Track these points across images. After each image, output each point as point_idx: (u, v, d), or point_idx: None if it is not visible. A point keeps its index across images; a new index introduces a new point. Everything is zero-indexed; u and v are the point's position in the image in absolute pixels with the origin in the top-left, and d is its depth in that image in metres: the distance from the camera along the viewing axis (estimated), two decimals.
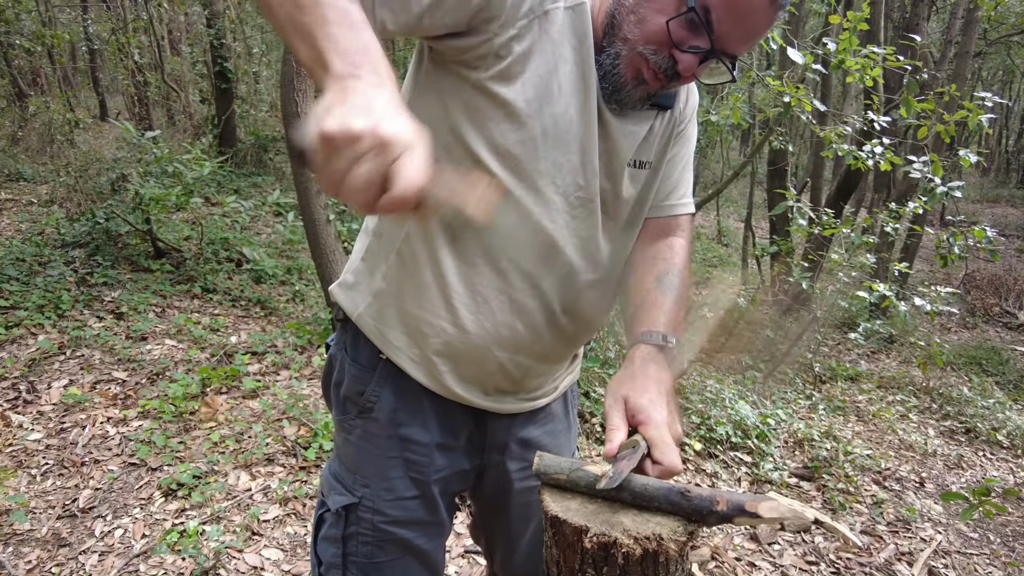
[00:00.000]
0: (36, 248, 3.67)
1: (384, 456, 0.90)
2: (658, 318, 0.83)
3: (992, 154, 17.49)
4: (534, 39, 0.73)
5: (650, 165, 0.87)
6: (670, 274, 0.88)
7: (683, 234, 0.94)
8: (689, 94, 0.92)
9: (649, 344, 0.81)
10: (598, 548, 0.57)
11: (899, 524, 2.44)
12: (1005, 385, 4.50)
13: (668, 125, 0.88)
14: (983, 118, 2.44)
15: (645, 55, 0.73)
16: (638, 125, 0.83)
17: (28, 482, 2.07)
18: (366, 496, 0.90)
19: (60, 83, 8.29)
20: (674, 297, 0.86)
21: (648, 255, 0.91)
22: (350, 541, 0.91)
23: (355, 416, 0.92)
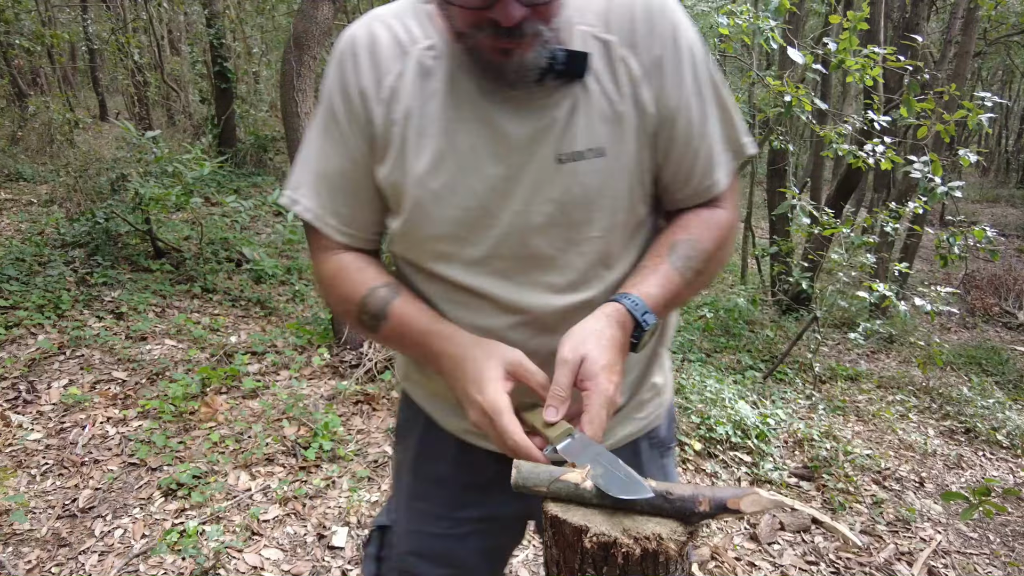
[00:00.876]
0: (36, 248, 3.67)
1: (412, 485, 0.91)
2: (648, 287, 0.72)
3: (992, 154, 17.50)
4: (384, 130, 0.73)
5: (597, 152, 0.72)
6: (686, 244, 0.76)
7: (718, 203, 0.80)
8: (646, 45, 0.72)
9: (622, 306, 0.70)
10: (598, 548, 0.57)
11: (899, 524, 2.44)
12: (1005, 385, 4.50)
13: (606, 98, 0.72)
14: (983, 118, 2.44)
15: (476, 40, 0.66)
16: (548, 116, 0.71)
17: (28, 482, 2.07)
18: (395, 522, 0.92)
19: (60, 83, 8.29)
20: (679, 268, 0.74)
21: (673, 223, 0.80)
22: (382, 564, 0.94)
23: (397, 441, 0.95)
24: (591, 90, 0.71)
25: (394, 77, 0.73)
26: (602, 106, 0.72)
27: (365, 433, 2.58)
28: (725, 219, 0.80)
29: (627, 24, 0.72)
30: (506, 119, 0.71)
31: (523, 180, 0.72)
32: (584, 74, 0.70)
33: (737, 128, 0.80)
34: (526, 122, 0.71)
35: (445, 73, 0.72)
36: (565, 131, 0.71)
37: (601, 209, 0.74)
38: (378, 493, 2.20)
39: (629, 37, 0.72)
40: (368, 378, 2.96)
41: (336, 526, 2.02)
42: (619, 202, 0.75)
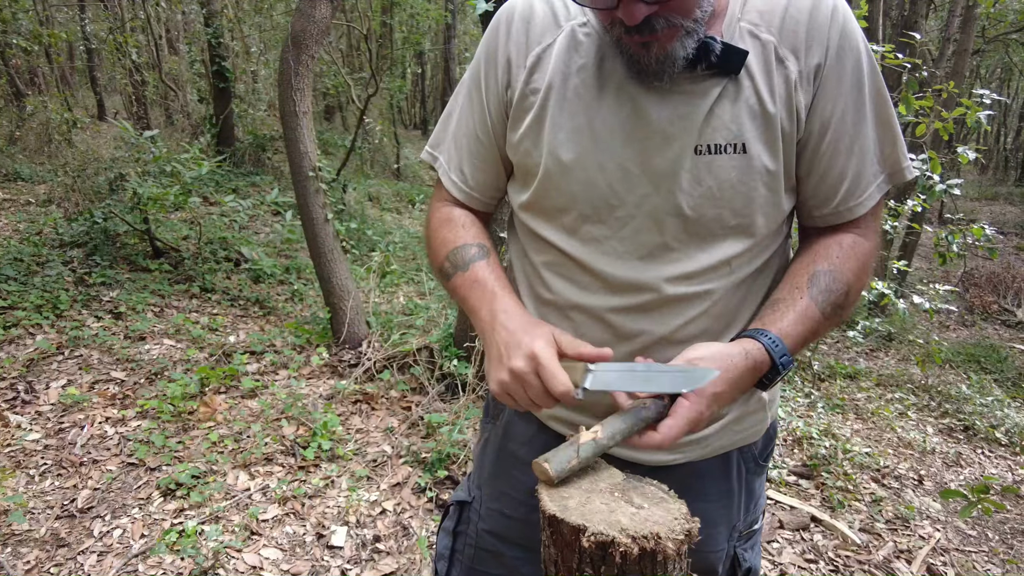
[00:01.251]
0: (34, 248, 3.66)
1: (495, 464, 0.93)
2: (787, 324, 0.70)
3: (990, 152, 17.50)
4: (521, 99, 0.76)
5: (737, 148, 0.70)
6: (827, 275, 0.72)
7: (860, 231, 0.76)
8: (806, 51, 0.69)
9: (762, 346, 0.68)
10: (596, 547, 0.57)
11: (898, 522, 2.44)
12: (1003, 383, 4.50)
13: (757, 96, 0.69)
14: (981, 115, 2.44)
15: (617, 36, 0.68)
16: (692, 104, 0.70)
17: (26, 482, 2.07)
18: (477, 499, 0.94)
19: (58, 82, 8.27)
20: (819, 304, 0.71)
21: (810, 249, 0.76)
22: (459, 538, 0.95)
23: (488, 420, 0.97)
24: (742, 85, 0.70)
25: (543, 47, 0.75)
26: (751, 103, 0.70)
27: (364, 432, 2.58)
28: (867, 248, 0.76)
29: (791, 26, 0.70)
30: (650, 102, 0.71)
31: (656, 166, 0.71)
32: (739, 71, 0.69)
33: (898, 150, 0.75)
34: (668, 107, 0.70)
35: (595, 50, 0.73)
36: (707, 122, 0.70)
37: (732, 206, 0.72)
38: (377, 492, 2.20)
39: (791, 40, 0.70)
40: (367, 377, 2.96)
41: (335, 525, 2.02)
42: (753, 203, 0.72)
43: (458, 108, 0.85)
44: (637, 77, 0.70)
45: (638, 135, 0.71)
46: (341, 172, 5.66)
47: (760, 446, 0.89)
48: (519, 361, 0.69)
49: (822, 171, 0.74)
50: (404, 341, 3.18)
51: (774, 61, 0.70)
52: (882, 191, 0.76)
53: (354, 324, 3.21)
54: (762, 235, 0.76)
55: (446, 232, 0.85)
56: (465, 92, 0.84)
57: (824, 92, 0.71)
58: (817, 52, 0.70)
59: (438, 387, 2.83)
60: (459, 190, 0.86)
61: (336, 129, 10.44)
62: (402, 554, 1.95)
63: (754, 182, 0.72)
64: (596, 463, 0.69)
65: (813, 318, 0.71)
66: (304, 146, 3.05)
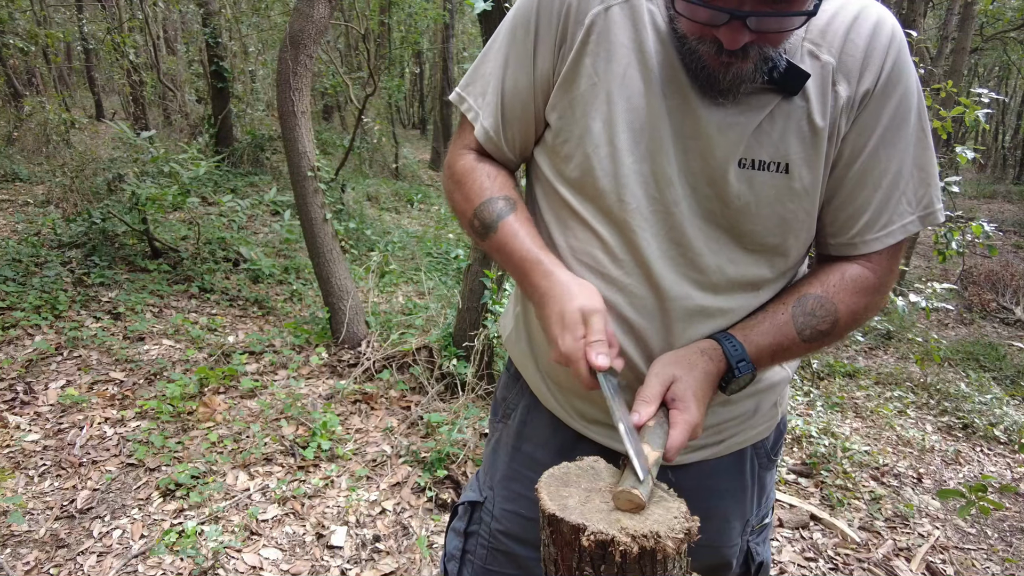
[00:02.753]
0: (32, 249, 3.66)
1: (509, 466, 0.91)
2: (757, 334, 0.70)
3: (989, 150, 17.51)
4: (576, 59, 0.72)
5: (780, 167, 0.69)
6: (815, 300, 0.71)
7: (870, 265, 0.73)
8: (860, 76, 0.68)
9: (719, 348, 0.70)
10: (596, 546, 0.57)
11: (897, 520, 2.44)
12: (1002, 381, 4.51)
13: (808, 117, 0.68)
14: (980, 114, 2.44)
15: (696, 47, 0.65)
16: (744, 115, 0.68)
17: (26, 483, 2.07)
18: (489, 499, 0.92)
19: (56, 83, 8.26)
20: (798, 325, 0.70)
21: (813, 272, 0.76)
22: (470, 539, 0.93)
23: (498, 420, 0.95)
24: (796, 105, 0.68)
25: (604, 6, 0.71)
26: (802, 125, 0.68)
27: (363, 432, 2.58)
28: (871, 283, 0.73)
29: (851, 50, 0.68)
30: (702, 105, 0.68)
31: (697, 169, 0.70)
32: (797, 92, 0.68)
33: (931, 192, 0.73)
34: (720, 113, 0.68)
35: (656, 34, 0.70)
36: (755, 136, 0.69)
37: (767, 225, 0.71)
38: (376, 492, 2.20)
39: (848, 64, 0.68)
40: (366, 377, 2.95)
41: (335, 525, 2.02)
42: (787, 224, 0.71)
43: (498, 58, 0.78)
44: (700, 89, 0.68)
45: (686, 133, 0.69)
46: (340, 172, 5.65)
47: (772, 440, 0.89)
48: (571, 315, 0.68)
49: (843, 198, 0.72)
50: (403, 341, 3.18)
51: (830, 85, 0.68)
52: (907, 232, 0.73)
53: (353, 324, 3.21)
54: (794, 259, 0.75)
55: (471, 186, 0.80)
56: (508, 42, 0.77)
57: (863, 120, 0.69)
58: (868, 79, 0.69)
59: (437, 387, 2.83)
60: (488, 140, 0.81)
61: (334, 129, 10.43)
62: (402, 554, 1.95)
63: (793, 204, 0.70)
64: (596, 462, 0.69)
65: (787, 336, 0.71)
66: (302, 146, 3.05)
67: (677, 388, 0.67)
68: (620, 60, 0.70)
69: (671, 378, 0.68)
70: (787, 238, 0.73)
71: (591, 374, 0.67)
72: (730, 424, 0.82)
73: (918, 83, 0.72)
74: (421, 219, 7.10)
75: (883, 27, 0.70)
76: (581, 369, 0.67)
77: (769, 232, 0.72)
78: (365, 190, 7.31)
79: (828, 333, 0.72)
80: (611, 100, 0.70)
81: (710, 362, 0.69)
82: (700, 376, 0.68)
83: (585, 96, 0.72)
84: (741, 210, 0.71)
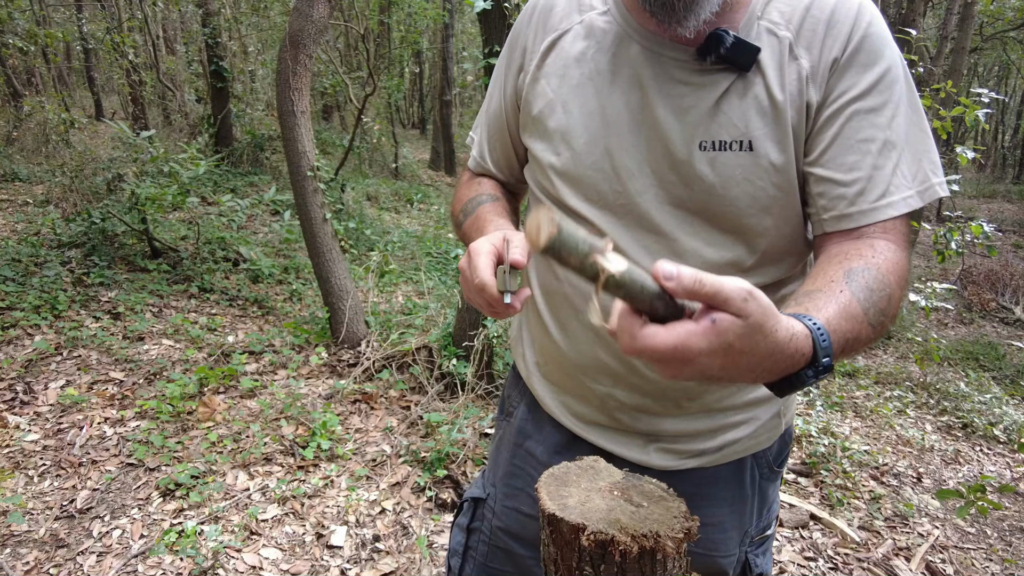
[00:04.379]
0: (32, 248, 3.66)
1: (511, 463, 0.92)
2: (829, 313, 0.55)
3: (988, 150, 17.52)
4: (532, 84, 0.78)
5: (744, 145, 0.68)
6: (866, 272, 0.61)
7: (890, 236, 0.66)
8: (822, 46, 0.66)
9: (805, 327, 0.50)
10: (595, 546, 0.57)
11: (897, 519, 2.45)
12: (1002, 380, 4.51)
13: (767, 92, 0.67)
14: (979, 114, 2.44)
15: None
16: (699, 96, 0.68)
17: (25, 483, 2.07)
18: (491, 496, 0.93)
19: (55, 83, 8.26)
20: (862, 303, 0.57)
21: (839, 251, 0.66)
22: (473, 535, 0.94)
23: (503, 417, 0.97)
24: (752, 81, 0.67)
25: (558, 34, 0.77)
26: (761, 100, 0.67)
27: (363, 432, 2.58)
28: (903, 260, 0.65)
29: (811, 24, 0.67)
30: (658, 92, 0.70)
31: (659, 156, 0.70)
32: (749, 68, 0.67)
33: (926, 166, 0.68)
34: (675, 98, 0.69)
35: (613, 36, 0.74)
36: (713, 117, 0.68)
37: (738, 205, 0.69)
38: (376, 492, 2.20)
39: (808, 37, 0.67)
40: (366, 377, 2.95)
41: (335, 525, 2.02)
42: (759, 203, 0.69)
43: (491, 87, 0.89)
44: (660, 26, 0.67)
45: (644, 124, 0.71)
46: (339, 171, 5.65)
47: (775, 451, 0.86)
48: (462, 260, 0.69)
49: (832, 167, 0.67)
50: (403, 340, 3.18)
51: (787, 57, 0.67)
52: (909, 207, 0.67)
53: (353, 324, 3.21)
54: (778, 240, 0.72)
55: (464, 190, 0.91)
56: (495, 74, 0.87)
57: (837, 87, 0.67)
58: (834, 47, 0.67)
59: (437, 386, 2.83)
60: (478, 166, 0.92)
61: (334, 128, 10.42)
62: (402, 553, 1.95)
63: (762, 181, 0.69)
64: (595, 462, 0.69)
65: (857, 318, 0.56)
66: (302, 145, 3.05)
67: (730, 299, 0.44)
68: (573, 73, 0.75)
69: (744, 291, 0.44)
70: (763, 218, 0.70)
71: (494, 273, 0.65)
72: (726, 431, 0.80)
73: (902, 60, 0.69)
74: (421, 219, 7.09)
75: (848, 2, 0.68)
76: (479, 262, 0.64)
77: (742, 213, 0.70)
78: (365, 190, 7.31)
79: (887, 313, 0.60)
80: (568, 110, 0.75)
81: (788, 344, 0.48)
82: (762, 347, 0.46)
83: (543, 113, 0.77)
84: (709, 192, 0.69)
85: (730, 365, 0.47)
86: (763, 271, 0.74)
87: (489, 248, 0.66)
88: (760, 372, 0.49)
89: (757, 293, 0.45)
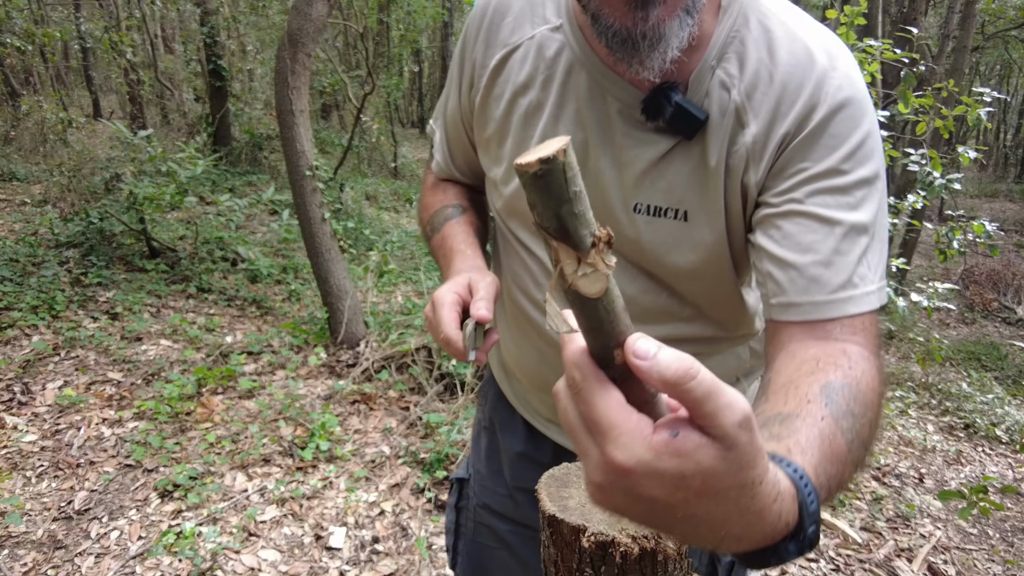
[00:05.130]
0: (30, 248, 3.64)
1: (488, 447, 0.98)
2: (813, 455, 0.42)
3: (990, 149, 17.52)
4: (482, 104, 0.74)
5: (679, 215, 0.64)
6: (846, 390, 0.49)
7: (860, 340, 0.55)
8: (775, 117, 0.59)
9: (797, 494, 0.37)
10: (596, 547, 0.56)
11: (898, 520, 2.44)
12: (1004, 380, 4.50)
13: (706, 163, 0.61)
14: (981, 112, 2.43)
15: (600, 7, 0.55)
16: (638, 152, 0.63)
17: (23, 484, 2.06)
18: (473, 476, 0.99)
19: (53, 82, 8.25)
20: (844, 431, 0.46)
21: (806, 356, 0.54)
22: (461, 513, 1.00)
23: (479, 401, 1.02)
24: (693, 149, 0.62)
25: (508, 50, 0.71)
26: (700, 170, 0.62)
27: (362, 433, 2.57)
28: (877, 371, 0.53)
29: (764, 87, 0.59)
30: (600, 139, 0.65)
31: (597, 205, 0.66)
32: (692, 137, 0.61)
33: (870, 271, 0.58)
34: (613, 150, 0.65)
35: (564, 63, 0.67)
36: (651, 179, 0.63)
37: (671, 269, 0.66)
38: (375, 493, 2.19)
39: (760, 101, 0.59)
40: (365, 378, 2.94)
41: (333, 527, 2.01)
42: (697, 274, 0.66)
43: (448, 87, 0.82)
44: (618, 62, 0.58)
45: (585, 169, 0.66)
46: (338, 171, 5.65)
47: None
48: (427, 308, 0.68)
49: (785, 235, 0.58)
50: (402, 341, 3.16)
51: (735, 122, 0.60)
52: (878, 302, 0.58)
53: (352, 324, 3.20)
54: (710, 304, 0.69)
55: (430, 198, 0.89)
56: (451, 73, 0.81)
57: (794, 161, 0.58)
58: (786, 121, 0.58)
59: (436, 387, 2.82)
60: (441, 171, 0.89)
61: (333, 128, 10.42)
62: (401, 555, 1.94)
63: (694, 253, 0.64)
64: None
65: (841, 457, 0.44)
66: (301, 145, 3.04)
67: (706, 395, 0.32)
68: (520, 101, 0.70)
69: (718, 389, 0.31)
70: (695, 283, 0.66)
71: (459, 327, 0.65)
72: None
73: (875, 131, 0.59)
74: None
75: (814, 66, 0.58)
76: (443, 314, 0.64)
77: (675, 276, 0.66)
78: (364, 189, 7.30)
79: (867, 446, 0.48)
80: (514, 143, 0.72)
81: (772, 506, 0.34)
82: (745, 493, 0.32)
83: (492, 140, 0.75)
84: (641, 251, 0.67)
85: (679, 506, 0.31)
86: (701, 324, 0.71)
87: (452, 299, 0.65)
88: (719, 534, 0.33)
89: (755, 424, 0.31)
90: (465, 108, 0.78)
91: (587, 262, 0.31)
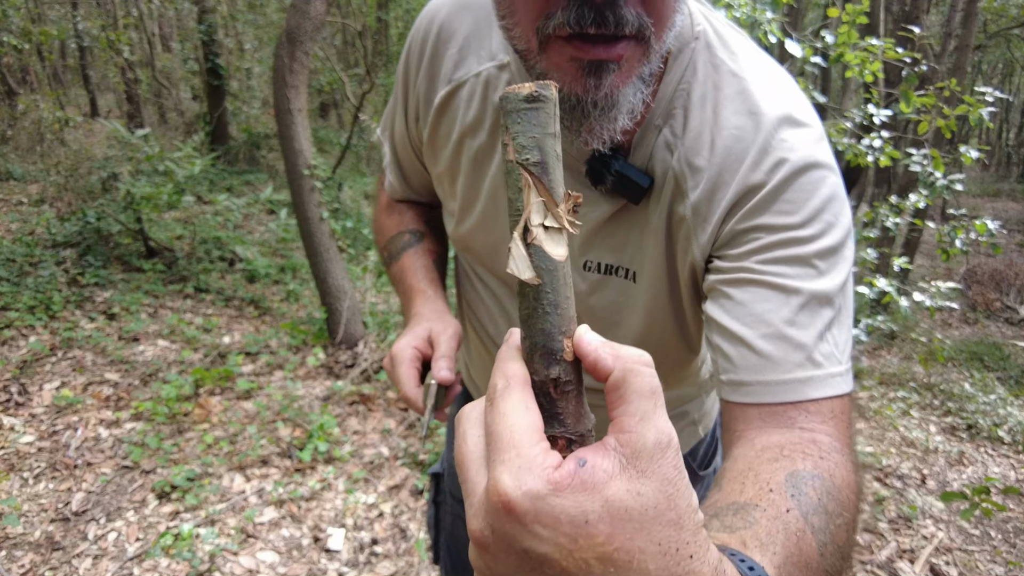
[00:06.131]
0: (26, 248, 3.63)
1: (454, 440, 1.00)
2: (776, 555, 0.36)
3: (992, 148, 17.49)
4: (431, 139, 0.72)
5: (628, 275, 0.62)
6: (817, 482, 0.42)
7: (831, 429, 0.48)
8: (692, 191, 0.55)
9: (733, 565, 0.31)
10: None
11: (900, 521, 2.42)
12: (1007, 380, 4.49)
13: (652, 228, 0.58)
14: (984, 112, 2.41)
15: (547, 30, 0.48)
16: (587, 210, 0.61)
17: (20, 485, 2.04)
18: (447, 470, 1.00)
19: (50, 80, 8.22)
20: (816, 530, 0.39)
21: (768, 443, 0.47)
22: (440, 507, 1.01)
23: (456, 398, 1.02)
24: (640, 211, 0.60)
25: (454, 86, 0.66)
26: (648, 232, 0.59)
27: (361, 434, 2.56)
28: (850, 466, 0.46)
29: (706, 153, 0.55)
30: None
31: None
32: (638, 202, 0.58)
33: (836, 350, 0.51)
34: None
35: None
36: (600, 237, 0.62)
37: (623, 330, 0.65)
38: (374, 495, 2.18)
39: (702, 167, 0.55)
40: (363, 378, 2.93)
41: (332, 528, 2.00)
42: (649, 333, 0.64)
43: (394, 102, 0.76)
44: (569, 130, 0.52)
45: None
46: (336, 170, 5.62)
47: (700, 456, 0.87)
48: (385, 360, 0.70)
49: (738, 303, 0.52)
50: None
51: (676, 190, 0.57)
52: (845, 386, 0.50)
53: (350, 324, 3.18)
54: (659, 359, 0.64)
55: (386, 219, 0.87)
56: (396, 88, 0.75)
57: (740, 231, 0.54)
58: (732, 189, 0.54)
59: None
60: (395, 193, 0.86)
61: (331, 126, 10.39)
62: (400, 557, 1.92)
63: (648, 319, 0.62)
64: None
65: (812, 564, 0.37)
66: (299, 144, 3.02)
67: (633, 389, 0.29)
68: (468, 144, 0.67)
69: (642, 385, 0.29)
70: (650, 344, 0.62)
71: (419, 383, 0.67)
72: None
73: (844, 221, 0.54)
74: None
75: (760, 131, 0.54)
76: (401, 372, 0.66)
77: (626, 336, 0.64)
78: (362, 188, 7.27)
79: (845, 554, 0.41)
80: (462, 187, 0.70)
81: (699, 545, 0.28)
82: (673, 560, 0.26)
83: (442, 177, 0.73)
84: (590, 308, 0.65)
85: (578, 566, 0.25)
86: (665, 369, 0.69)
87: (411, 355, 0.66)
88: None
89: (682, 465, 0.27)
90: (415, 138, 0.75)
91: (556, 212, 0.29)
